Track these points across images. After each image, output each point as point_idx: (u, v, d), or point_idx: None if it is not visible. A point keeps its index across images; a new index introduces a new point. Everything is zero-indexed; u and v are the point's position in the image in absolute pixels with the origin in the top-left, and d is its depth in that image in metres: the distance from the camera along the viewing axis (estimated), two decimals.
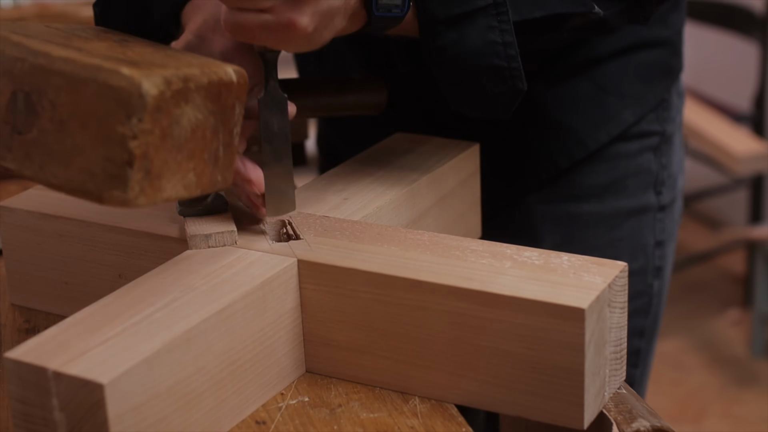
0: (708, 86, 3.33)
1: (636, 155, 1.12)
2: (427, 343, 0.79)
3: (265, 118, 0.86)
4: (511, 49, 0.90)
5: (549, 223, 1.11)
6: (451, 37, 0.90)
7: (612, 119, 1.10)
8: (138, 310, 0.75)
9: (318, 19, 0.81)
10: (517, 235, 1.07)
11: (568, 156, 1.09)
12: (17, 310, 0.97)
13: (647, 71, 1.12)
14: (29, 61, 0.74)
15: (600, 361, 0.76)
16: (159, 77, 0.73)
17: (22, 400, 0.70)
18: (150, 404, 0.70)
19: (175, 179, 0.75)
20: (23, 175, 0.75)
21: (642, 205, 1.13)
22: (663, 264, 1.17)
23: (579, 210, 1.11)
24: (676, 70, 1.16)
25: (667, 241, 1.16)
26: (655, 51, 1.12)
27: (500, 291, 0.75)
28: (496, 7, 0.89)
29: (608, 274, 0.76)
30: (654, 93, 1.13)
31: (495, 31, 0.90)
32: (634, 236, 1.13)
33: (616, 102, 1.10)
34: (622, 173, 1.12)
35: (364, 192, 0.95)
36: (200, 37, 0.89)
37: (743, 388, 2.70)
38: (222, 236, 0.85)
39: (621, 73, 1.10)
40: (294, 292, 0.82)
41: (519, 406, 0.77)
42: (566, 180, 1.11)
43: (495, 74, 0.91)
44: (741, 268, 3.21)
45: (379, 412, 0.79)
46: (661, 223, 1.15)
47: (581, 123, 1.09)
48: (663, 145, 1.14)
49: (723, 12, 3.12)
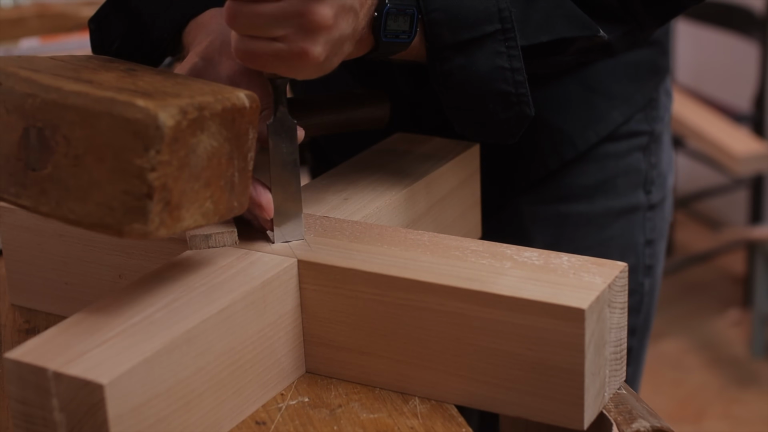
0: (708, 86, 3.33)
1: (625, 155, 1.13)
2: (427, 343, 0.79)
3: (274, 143, 0.85)
4: (519, 75, 0.91)
5: (539, 224, 1.11)
6: (459, 62, 0.90)
7: (601, 119, 1.10)
8: (138, 310, 0.75)
9: (330, 47, 0.81)
10: (508, 237, 1.07)
11: (558, 157, 1.09)
12: (17, 311, 0.97)
13: (635, 71, 1.12)
14: (41, 97, 0.73)
15: (600, 361, 0.76)
16: (174, 107, 0.72)
17: (22, 400, 0.70)
18: (150, 404, 0.70)
19: (193, 208, 0.75)
20: (39, 212, 0.74)
21: (632, 204, 1.14)
22: (654, 262, 1.17)
23: (569, 210, 1.11)
24: (663, 69, 1.16)
25: (657, 240, 1.17)
26: (643, 51, 1.12)
27: (500, 291, 0.75)
28: (504, 33, 0.89)
29: (608, 274, 0.76)
30: (642, 93, 1.13)
31: (503, 57, 0.90)
32: (625, 235, 1.14)
33: (604, 102, 1.10)
34: (611, 173, 1.12)
35: (364, 192, 0.95)
36: (207, 60, 0.88)
37: (743, 388, 2.70)
38: (222, 236, 0.85)
39: (609, 73, 1.10)
40: (294, 292, 0.82)
41: (519, 406, 0.77)
42: (556, 181, 1.11)
43: (502, 99, 0.91)
44: (741, 269, 3.21)
45: (379, 413, 0.79)
46: (651, 222, 1.15)
47: (570, 123, 1.09)
48: (652, 144, 1.15)
49: (723, 12, 3.12)
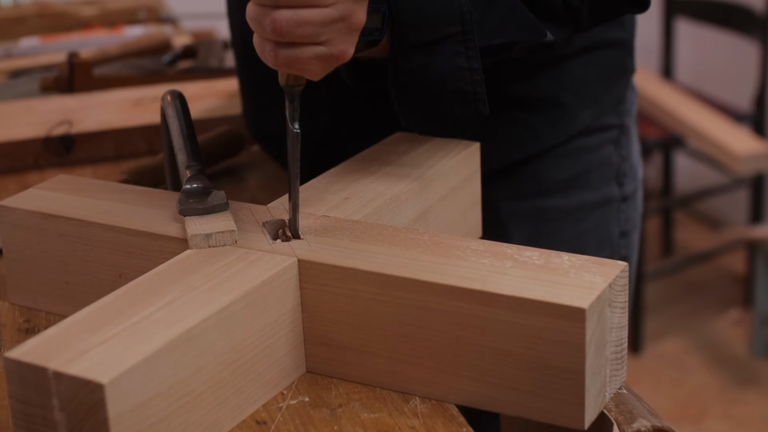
0: (708, 86, 3.33)
1: (597, 148, 1.15)
2: (428, 343, 0.79)
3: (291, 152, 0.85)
4: (477, 74, 0.94)
5: (516, 220, 1.13)
6: (421, 61, 0.93)
7: (570, 120, 1.12)
8: (138, 309, 0.75)
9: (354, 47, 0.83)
10: (486, 233, 1.09)
11: (522, 148, 1.11)
12: (17, 310, 0.97)
13: (604, 72, 1.14)
14: None
15: (601, 361, 0.75)
16: None
17: (22, 400, 0.70)
18: (150, 404, 0.70)
19: None
20: None
21: (605, 197, 1.16)
22: (628, 253, 1.19)
23: (546, 205, 1.13)
24: (630, 70, 1.19)
25: (631, 231, 1.19)
26: (612, 51, 1.15)
27: (501, 291, 0.75)
28: (464, 34, 0.93)
29: (609, 273, 0.76)
30: (610, 94, 1.16)
31: (462, 57, 0.93)
32: (600, 228, 1.16)
33: (574, 103, 1.12)
34: (585, 167, 1.14)
35: (365, 191, 0.94)
36: None
37: (744, 388, 2.70)
38: (222, 236, 0.84)
39: (580, 73, 1.12)
40: (294, 291, 0.82)
41: (519, 406, 0.77)
42: (531, 175, 1.12)
43: (460, 98, 0.95)
44: (741, 268, 3.21)
45: (379, 413, 0.79)
46: (624, 213, 1.18)
47: (539, 120, 1.11)
48: (622, 137, 1.17)
49: (723, 11, 3.12)
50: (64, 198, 0.95)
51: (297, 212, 0.86)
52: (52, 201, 0.94)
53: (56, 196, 0.95)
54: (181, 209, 0.88)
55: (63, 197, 0.95)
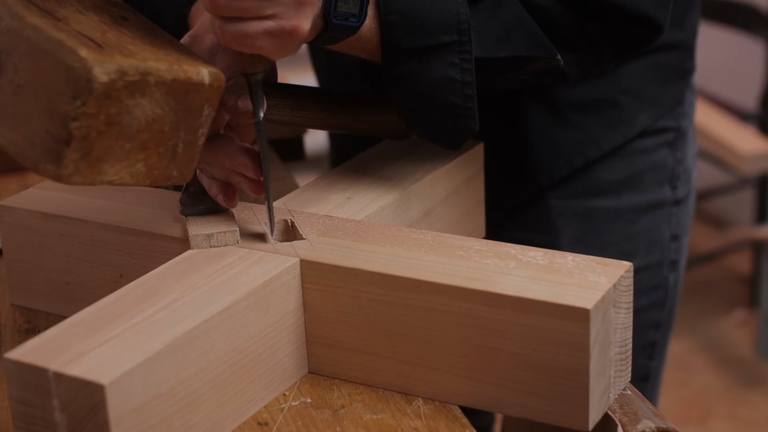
0: (714, 85, 3.32)
1: (652, 151, 1.13)
2: (431, 343, 0.78)
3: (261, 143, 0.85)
4: (469, 89, 0.90)
5: (567, 219, 1.12)
6: (411, 67, 0.90)
7: (628, 122, 1.11)
8: (139, 310, 0.74)
9: (312, 23, 0.81)
10: (536, 231, 1.08)
11: (583, 156, 1.10)
12: (17, 310, 0.96)
13: (664, 74, 1.13)
14: (5, 21, 0.75)
15: (605, 362, 0.75)
16: (114, 65, 0.73)
17: (22, 401, 0.69)
18: (151, 405, 0.69)
19: (120, 165, 0.76)
20: None
21: (658, 199, 1.15)
22: (678, 257, 1.18)
23: (597, 205, 1.12)
24: (689, 71, 1.17)
25: (682, 235, 1.18)
26: (672, 53, 1.13)
27: (504, 291, 0.74)
28: (460, 45, 0.89)
29: (613, 274, 0.76)
30: (669, 96, 1.14)
31: (456, 69, 0.90)
32: (651, 230, 1.15)
33: (632, 105, 1.11)
34: (638, 169, 1.13)
35: (367, 191, 0.94)
36: (193, 37, 0.88)
37: (749, 389, 2.69)
38: (224, 236, 0.84)
39: (639, 75, 1.11)
40: (296, 292, 0.81)
41: (523, 407, 0.76)
42: (584, 176, 1.12)
43: (449, 111, 0.91)
44: (747, 269, 3.20)
45: (382, 414, 0.78)
46: (676, 217, 1.17)
47: (598, 124, 1.10)
48: (678, 140, 1.16)
49: (729, 10, 3.12)
50: (65, 198, 0.94)
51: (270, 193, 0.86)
52: (53, 201, 0.94)
53: (57, 196, 0.95)
54: (183, 209, 0.88)
55: (63, 197, 0.95)
